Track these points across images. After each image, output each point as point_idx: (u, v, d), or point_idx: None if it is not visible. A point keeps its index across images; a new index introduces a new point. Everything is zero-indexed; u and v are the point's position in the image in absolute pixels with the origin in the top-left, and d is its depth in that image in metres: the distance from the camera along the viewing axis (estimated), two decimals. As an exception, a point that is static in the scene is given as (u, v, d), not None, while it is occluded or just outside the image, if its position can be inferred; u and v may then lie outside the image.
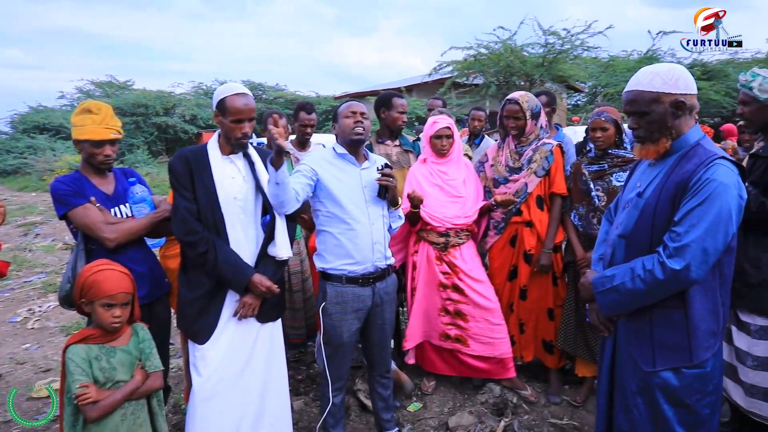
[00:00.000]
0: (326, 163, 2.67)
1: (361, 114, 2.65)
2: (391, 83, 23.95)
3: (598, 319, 2.06)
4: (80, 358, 2.04)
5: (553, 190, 3.30)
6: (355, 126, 2.62)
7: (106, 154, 2.54)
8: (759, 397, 2.54)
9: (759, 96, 2.52)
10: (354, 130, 2.62)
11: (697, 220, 1.72)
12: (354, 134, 2.63)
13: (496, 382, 3.44)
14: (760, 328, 2.53)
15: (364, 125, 2.63)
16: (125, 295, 2.11)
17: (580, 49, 15.10)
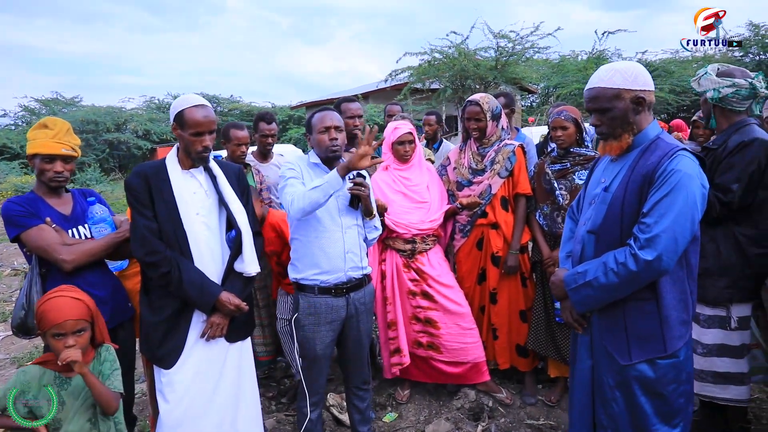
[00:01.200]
0: (304, 168, 2.62)
1: (336, 128, 2.57)
2: (347, 90, 23.92)
3: (572, 317, 2.06)
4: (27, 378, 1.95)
5: (518, 190, 3.32)
6: (331, 144, 2.56)
7: (56, 170, 2.42)
8: (708, 380, 2.62)
9: (696, 89, 2.64)
10: (330, 149, 2.56)
11: (666, 210, 1.76)
12: (330, 152, 2.57)
13: (471, 387, 3.43)
14: (708, 317, 2.61)
15: (339, 139, 2.57)
16: (75, 323, 1.98)
17: (531, 51, 15.45)
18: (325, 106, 2.70)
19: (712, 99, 2.60)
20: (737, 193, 2.48)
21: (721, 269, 2.55)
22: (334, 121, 2.57)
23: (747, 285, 2.57)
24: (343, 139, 2.59)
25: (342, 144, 2.58)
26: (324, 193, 2.34)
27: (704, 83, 2.63)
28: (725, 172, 2.53)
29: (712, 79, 2.60)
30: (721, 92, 2.57)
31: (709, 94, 2.60)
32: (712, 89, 2.60)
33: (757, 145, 2.49)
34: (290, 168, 2.58)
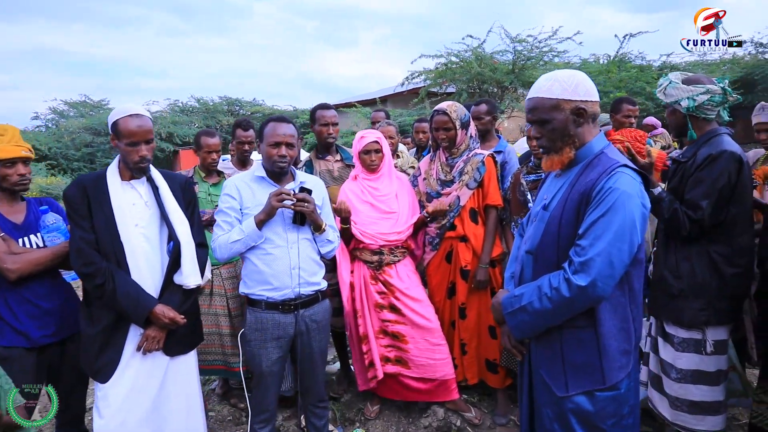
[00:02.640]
0: (245, 187, 2.57)
1: (287, 144, 2.50)
2: (369, 94, 23.91)
3: (510, 343, 1.93)
4: None
5: (488, 201, 3.19)
6: (279, 160, 2.49)
7: (20, 173, 2.44)
8: (684, 409, 2.45)
9: (663, 99, 2.47)
10: (277, 165, 2.51)
11: (602, 232, 1.62)
12: (276, 168, 2.52)
13: (440, 405, 3.30)
14: (682, 340, 2.44)
15: (287, 157, 2.50)
16: None
17: (550, 55, 15.17)
18: (281, 116, 2.62)
19: (689, 108, 2.43)
20: (707, 209, 2.31)
21: (696, 290, 2.39)
22: (286, 137, 2.49)
23: (723, 307, 2.40)
24: (293, 155, 2.52)
25: (291, 159, 2.51)
26: (244, 245, 2.44)
27: (674, 92, 2.47)
28: (694, 187, 2.37)
29: (683, 87, 2.45)
30: (697, 100, 2.41)
31: (685, 104, 2.44)
32: (686, 98, 2.43)
33: (726, 157, 2.31)
34: (225, 198, 2.55)
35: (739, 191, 2.33)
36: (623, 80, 15.49)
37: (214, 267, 3.38)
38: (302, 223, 2.50)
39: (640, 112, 4.09)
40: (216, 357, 3.45)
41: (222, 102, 25.85)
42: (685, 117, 2.47)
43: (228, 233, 2.48)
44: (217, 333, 3.43)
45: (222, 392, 3.81)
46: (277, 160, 2.49)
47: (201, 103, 25.49)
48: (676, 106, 2.47)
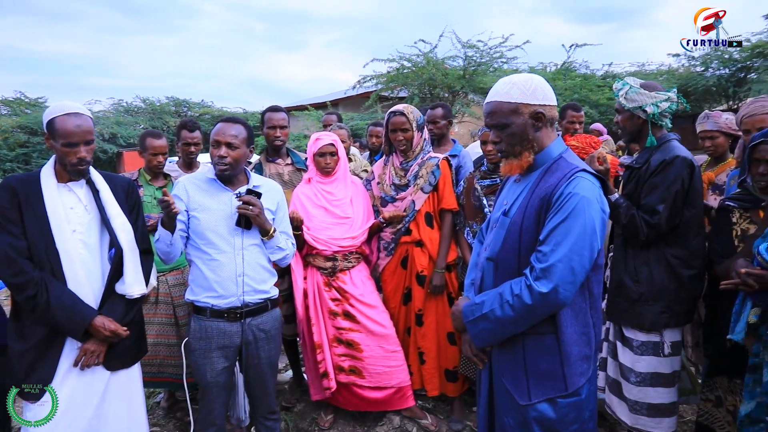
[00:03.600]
0: (195, 189, 2.46)
1: (227, 144, 2.38)
2: (319, 97, 23.77)
3: (471, 351, 1.90)
4: None
5: (443, 206, 3.16)
6: (217, 161, 2.39)
7: None
8: (643, 413, 2.49)
9: (625, 104, 2.49)
10: (216, 165, 2.41)
11: (563, 238, 1.61)
12: (217, 169, 2.42)
13: (396, 412, 3.24)
14: (641, 343, 2.48)
15: (228, 158, 2.38)
16: None
17: (500, 62, 15.49)
18: (231, 116, 2.52)
19: (653, 114, 2.46)
20: (664, 214, 2.36)
21: (655, 294, 2.44)
22: (226, 136, 2.38)
23: (681, 309, 2.47)
24: (235, 156, 2.39)
25: (234, 161, 2.39)
26: (164, 244, 2.35)
27: (638, 98, 2.47)
28: (650, 193, 2.41)
29: (647, 93, 2.46)
30: (660, 107, 2.45)
31: (650, 109, 2.45)
32: (651, 104, 2.45)
33: (679, 163, 2.37)
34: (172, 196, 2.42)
35: (692, 195, 2.40)
36: (569, 88, 15.98)
37: (160, 273, 3.22)
38: (247, 227, 2.39)
39: (584, 121, 4.19)
40: (162, 369, 3.28)
41: (169, 103, 25.08)
42: (644, 123, 2.50)
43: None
44: (162, 344, 3.26)
45: (168, 405, 3.63)
46: (215, 161, 2.38)
47: (147, 103, 24.65)
48: (638, 112, 2.48)
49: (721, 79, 19.56)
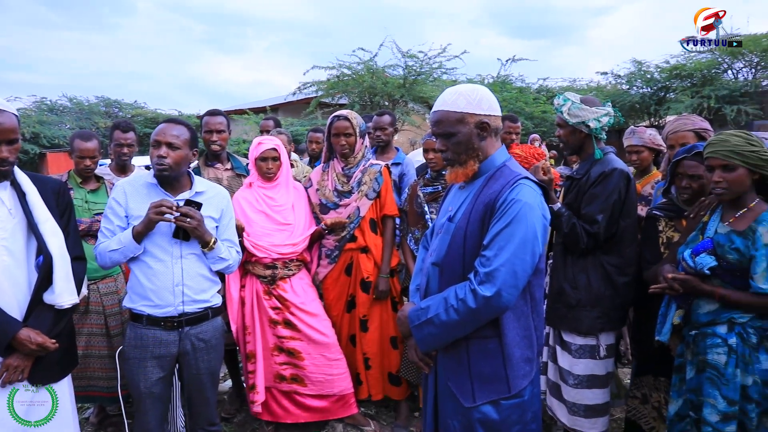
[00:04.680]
0: (134, 193, 2.36)
1: (168, 144, 2.30)
2: (259, 102, 23.39)
3: (417, 355, 1.92)
4: None
5: (385, 212, 3.19)
6: (156, 161, 2.30)
7: None
8: (580, 414, 2.59)
9: (569, 120, 2.59)
10: (155, 166, 2.31)
11: (506, 243, 1.66)
12: (156, 171, 2.33)
13: (339, 420, 3.22)
14: (579, 347, 2.59)
15: (168, 159, 2.29)
16: None
17: (439, 72, 15.81)
18: (172, 118, 2.44)
19: (596, 130, 2.56)
20: (602, 224, 2.47)
21: (593, 300, 2.54)
22: (166, 136, 2.30)
23: (616, 314, 2.58)
24: (175, 157, 2.31)
25: (174, 162, 2.30)
26: (123, 255, 2.29)
27: (581, 113, 2.56)
28: (590, 203, 2.51)
29: (589, 108, 2.57)
30: (601, 121, 2.55)
31: (593, 125, 2.55)
32: (593, 119, 2.55)
33: (617, 174, 2.49)
34: (110, 202, 2.37)
35: (627, 206, 2.52)
36: (505, 100, 16.52)
37: (91, 281, 3.06)
38: (185, 238, 2.31)
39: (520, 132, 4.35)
40: (91, 382, 3.11)
41: (99, 102, 23.90)
42: (586, 137, 2.60)
43: (108, 241, 2.29)
44: (92, 355, 3.10)
45: (98, 421, 3.44)
46: (155, 162, 2.30)
47: (74, 102, 23.37)
48: (581, 127, 2.57)
49: (644, 97, 20.82)
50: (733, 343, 2.06)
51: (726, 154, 2.04)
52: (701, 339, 2.15)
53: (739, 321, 2.07)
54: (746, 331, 2.06)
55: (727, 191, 2.08)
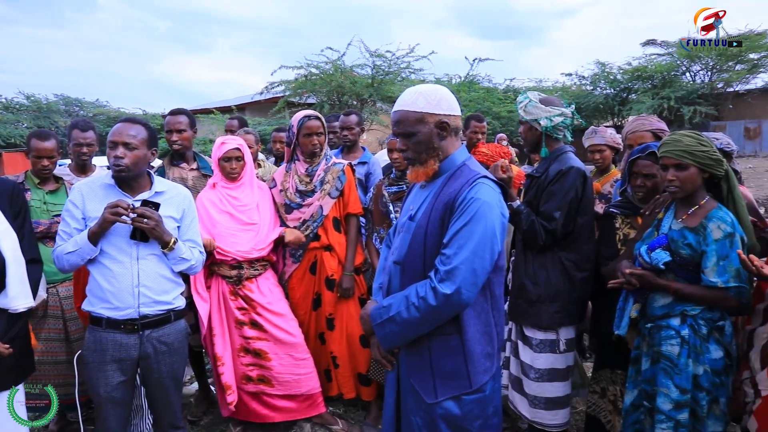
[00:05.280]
0: (91, 194, 2.31)
1: (124, 144, 2.25)
2: (225, 101, 23.10)
3: (380, 353, 1.93)
4: None
5: (349, 210, 3.21)
6: (113, 161, 2.25)
7: None
8: (541, 407, 2.65)
9: (523, 117, 2.65)
10: (112, 167, 2.27)
11: (465, 241, 1.68)
12: (114, 172, 2.29)
13: (306, 420, 3.21)
14: (540, 341, 2.64)
15: (125, 159, 2.24)
16: None
17: (407, 72, 15.91)
18: (128, 117, 2.40)
19: (546, 128, 2.63)
20: (560, 220, 2.52)
21: (552, 295, 2.59)
22: (122, 136, 2.25)
23: (575, 309, 2.65)
24: (133, 157, 2.26)
25: (132, 162, 2.26)
26: (80, 258, 2.23)
27: (534, 111, 2.63)
28: (547, 200, 2.57)
29: (542, 107, 2.63)
30: (553, 121, 2.61)
31: (544, 123, 2.61)
32: (545, 118, 2.61)
33: (574, 173, 2.56)
34: (67, 204, 2.32)
35: (584, 203, 2.59)
36: (473, 100, 16.71)
37: (50, 285, 2.98)
38: (144, 239, 2.27)
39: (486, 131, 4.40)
40: (47, 389, 3.03)
41: (58, 101, 23.28)
42: (541, 134, 2.66)
43: (65, 243, 2.23)
44: (49, 361, 3.02)
45: (57, 429, 3.35)
46: (111, 162, 2.25)
47: (32, 100, 22.69)
48: (535, 124, 2.64)
49: (607, 98, 21.33)
50: (685, 335, 2.14)
51: (678, 153, 2.12)
52: (656, 331, 2.23)
53: (691, 313, 2.15)
54: (697, 322, 2.14)
55: (680, 189, 2.16)
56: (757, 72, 20.61)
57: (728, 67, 20.35)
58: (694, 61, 20.56)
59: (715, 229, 2.09)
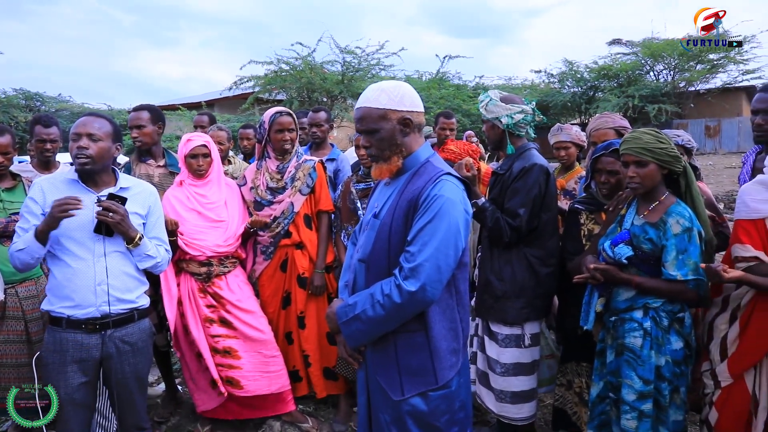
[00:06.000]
0: (53, 190, 2.24)
1: (88, 135, 2.20)
2: (194, 97, 22.78)
3: (346, 351, 1.93)
4: None
5: (320, 207, 3.20)
6: (75, 153, 2.20)
7: None
8: (507, 400, 2.69)
9: (485, 115, 2.68)
10: (76, 159, 2.21)
11: (429, 238, 1.69)
12: (76, 164, 2.23)
13: (276, 418, 3.19)
14: (505, 336, 2.68)
15: (89, 150, 2.19)
16: None
17: (377, 68, 15.91)
18: (92, 111, 2.34)
19: (508, 125, 2.66)
20: (524, 217, 2.56)
21: (517, 291, 2.63)
22: (86, 127, 2.21)
23: (540, 304, 2.69)
24: (97, 149, 2.22)
25: (96, 154, 2.21)
26: (29, 256, 2.17)
27: (495, 109, 2.66)
28: (512, 197, 2.60)
29: (503, 105, 2.66)
30: (514, 118, 2.65)
31: (505, 120, 2.65)
32: (505, 115, 2.65)
33: (537, 169, 2.60)
34: (27, 200, 2.26)
35: (548, 200, 2.63)
36: (443, 97, 16.81)
37: (9, 285, 2.88)
38: (109, 234, 2.22)
39: (456, 128, 4.44)
40: (7, 393, 2.93)
41: (17, 95, 22.48)
42: (503, 132, 2.70)
43: (17, 241, 2.18)
44: (8, 364, 2.92)
45: (16, 433, 3.26)
46: (74, 153, 2.20)
47: (-11, 95, 21.89)
48: (496, 122, 2.67)
49: (575, 96, 21.71)
50: (647, 327, 2.21)
51: (638, 150, 2.18)
52: (620, 324, 2.29)
53: (653, 306, 2.22)
54: (659, 314, 2.21)
55: (640, 185, 2.22)
56: (716, 72, 21.32)
57: (689, 66, 20.99)
58: (657, 61, 21.12)
59: (674, 224, 2.16)
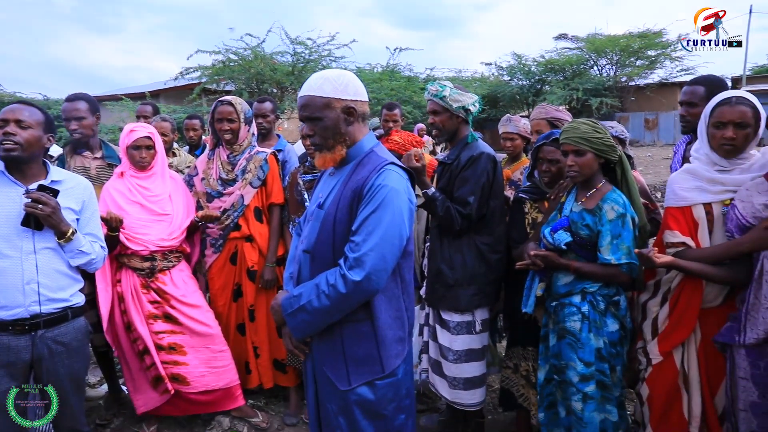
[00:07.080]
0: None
1: (16, 122, 2.09)
2: (137, 87, 21.95)
3: (292, 343, 1.92)
4: None
5: (271, 200, 3.16)
6: (4, 139, 2.08)
7: None
8: (460, 387, 2.74)
9: (451, 105, 2.68)
10: (2, 145, 2.09)
11: (374, 228, 1.69)
12: (2, 151, 2.10)
13: (225, 414, 3.15)
14: (457, 324, 2.73)
15: (17, 137, 2.08)
16: None
17: (328, 60, 15.78)
18: (23, 100, 2.23)
19: (475, 114, 2.72)
20: (474, 204, 2.60)
21: (469, 278, 2.67)
22: (14, 113, 2.11)
23: (491, 290, 2.75)
24: (26, 137, 2.11)
25: (25, 141, 2.11)
26: None
27: (461, 99, 2.67)
28: (461, 186, 2.64)
29: (468, 95, 2.70)
30: (476, 107, 2.71)
31: (473, 108, 2.70)
32: (471, 104, 2.69)
33: (485, 158, 2.65)
34: None
35: (495, 187, 2.70)
36: (394, 89, 16.85)
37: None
38: (38, 227, 2.12)
39: (407, 119, 4.46)
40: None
41: (-59, 84, 21.11)
42: (464, 121, 2.73)
43: None
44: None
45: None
46: (1, 140, 2.08)
47: None
48: (460, 111, 2.68)
49: (523, 88, 22.20)
50: (585, 311, 2.29)
51: (576, 140, 2.25)
52: (560, 308, 2.37)
53: (590, 290, 2.31)
54: (596, 298, 2.30)
55: (579, 173, 2.30)
56: (655, 68, 22.29)
57: (630, 62, 21.84)
58: (600, 56, 21.87)
59: (609, 210, 2.24)
